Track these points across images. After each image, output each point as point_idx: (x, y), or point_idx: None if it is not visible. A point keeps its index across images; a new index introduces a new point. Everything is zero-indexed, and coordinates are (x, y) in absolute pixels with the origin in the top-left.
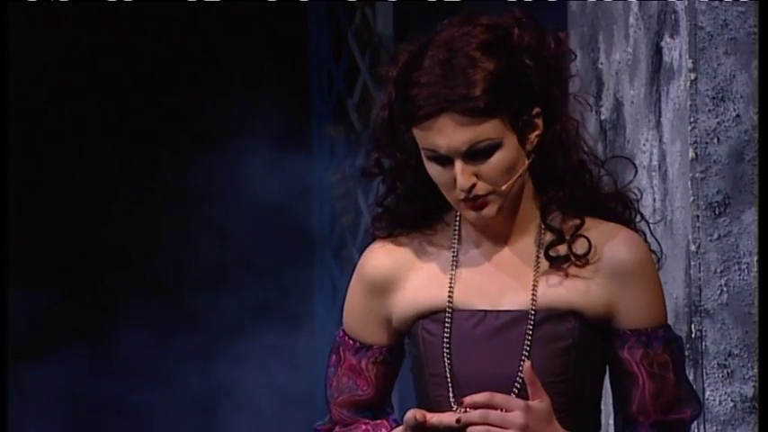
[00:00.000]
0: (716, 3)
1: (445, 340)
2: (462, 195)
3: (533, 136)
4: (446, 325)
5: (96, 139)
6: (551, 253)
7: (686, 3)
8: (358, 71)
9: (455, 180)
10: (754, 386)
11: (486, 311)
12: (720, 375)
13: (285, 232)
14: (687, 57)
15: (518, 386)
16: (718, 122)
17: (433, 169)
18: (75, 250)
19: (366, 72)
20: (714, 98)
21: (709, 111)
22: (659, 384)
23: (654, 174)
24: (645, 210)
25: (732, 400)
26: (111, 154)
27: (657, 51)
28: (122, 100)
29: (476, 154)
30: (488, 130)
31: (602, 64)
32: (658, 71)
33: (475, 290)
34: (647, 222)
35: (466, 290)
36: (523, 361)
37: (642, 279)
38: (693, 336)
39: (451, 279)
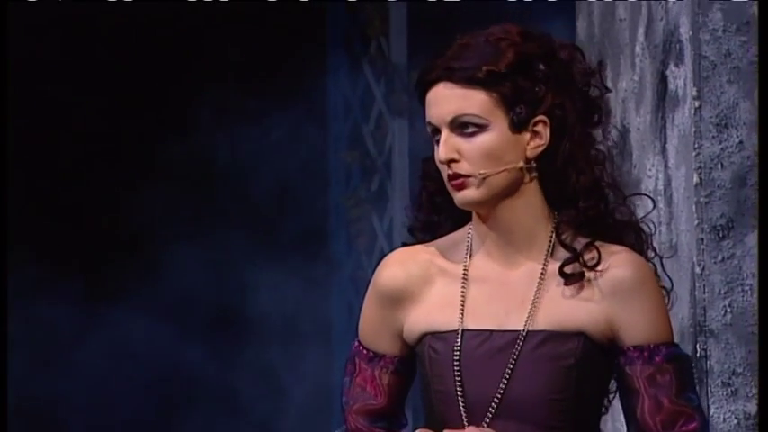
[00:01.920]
0: (719, 33)
1: (455, 359)
2: (446, 171)
3: (534, 143)
4: (456, 344)
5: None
6: (566, 270)
7: (691, 33)
8: (373, 99)
9: None
10: (757, 404)
11: (492, 331)
12: (724, 393)
13: (302, 254)
14: (692, 85)
15: (494, 407)
16: (722, 149)
17: (435, 150)
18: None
19: (381, 99)
20: (718, 125)
21: (713, 137)
22: (660, 401)
23: (659, 198)
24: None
25: (736, 418)
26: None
27: (663, 80)
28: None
29: (462, 127)
30: (476, 104)
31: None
32: (664, 99)
33: (483, 308)
34: (660, 257)
35: (474, 308)
36: (505, 381)
37: (642, 295)
38: (698, 355)
39: (463, 297)
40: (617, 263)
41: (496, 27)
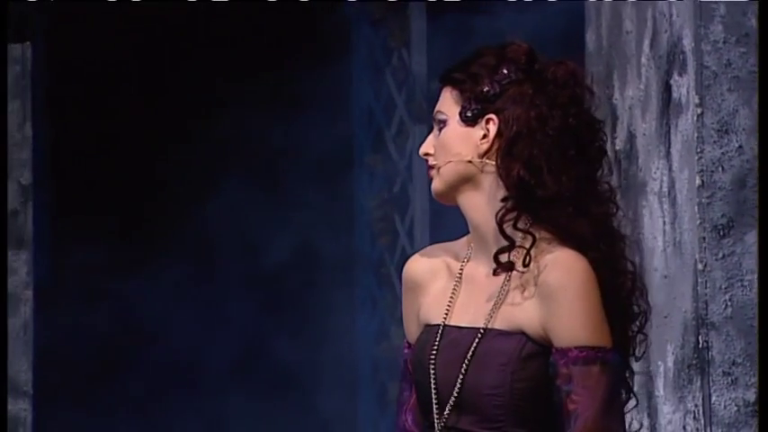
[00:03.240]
0: (720, 44)
1: (432, 352)
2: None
3: (479, 138)
4: (436, 338)
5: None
6: (499, 257)
7: (693, 44)
8: (395, 106)
9: None
10: (755, 392)
11: (462, 328)
12: (725, 382)
13: (329, 251)
14: (694, 93)
15: (452, 400)
16: (723, 153)
17: None
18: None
19: (402, 107)
20: (719, 131)
21: (714, 142)
22: (574, 403)
23: (664, 199)
24: (656, 233)
25: (736, 405)
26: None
27: (667, 88)
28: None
29: (437, 124)
30: (444, 101)
31: (616, 99)
32: (668, 106)
33: (464, 306)
34: (631, 262)
35: (459, 306)
36: (462, 375)
37: (565, 300)
38: (701, 346)
39: (452, 295)
40: (549, 265)
41: (518, 40)
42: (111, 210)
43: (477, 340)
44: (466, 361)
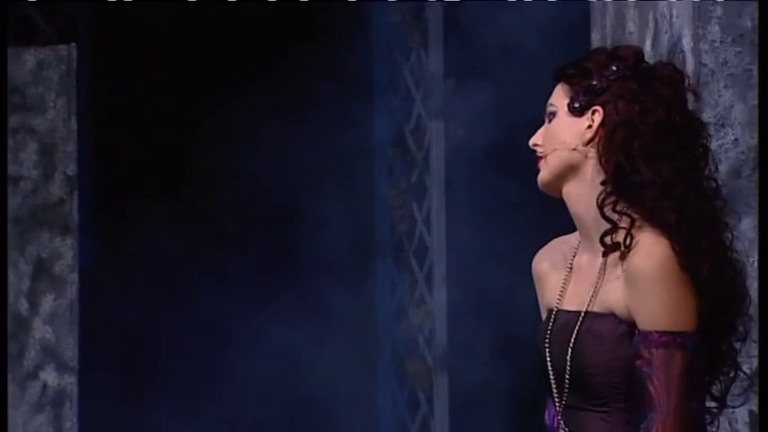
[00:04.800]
0: (717, 44)
1: (547, 334)
2: None
3: (584, 128)
4: (550, 322)
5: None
6: (605, 240)
7: (692, 44)
8: (413, 102)
9: None
10: (749, 368)
11: (570, 311)
12: None
13: (352, 237)
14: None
15: (567, 380)
16: (719, 145)
17: None
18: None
19: (420, 103)
20: (716, 124)
21: (711, 135)
22: (654, 386)
23: None
24: None
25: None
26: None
27: None
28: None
29: (548, 116)
30: (555, 94)
31: None
32: (701, 97)
33: (573, 292)
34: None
35: (569, 292)
36: (569, 356)
37: (644, 283)
38: None
39: (564, 283)
40: (636, 250)
41: (626, 44)
42: (151, 198)
43: (578, 323)
44: (571, 343)
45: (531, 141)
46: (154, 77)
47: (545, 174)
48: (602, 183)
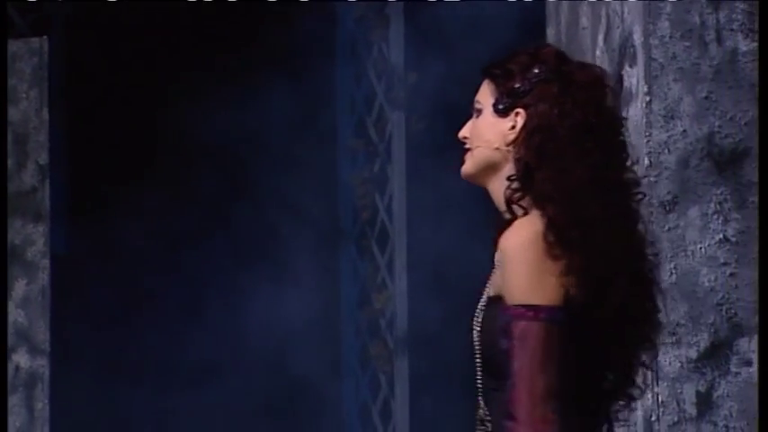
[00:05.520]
0: (666, 39)
1: (472, 321)
2: None
3: (508, 128)
4: (476, 309)
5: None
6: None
7: (642, 39)
8: (375, 94)
9: None
10: (697, 350)
11: (484, 297)
12: (670, 342)
13: (316, 225)
14: (643, 83)
15: (478, 359)
16: (669, 136)
17: None
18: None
19: (381, 95)
20: (665, 116)
21: (661, 127)
22: (511, 358)
23: None
24: None
25: (679, 362)
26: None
27: (619, 78)
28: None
29: (475, 112)
30: (481, 91)
31: None
32: (620, 94)
33: (491, 279)
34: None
35: (491, 279)
36: (477, 338)
37: (506, 261)
38: None
39: (492, 269)
40: (506, 231)
41: (547, 43)
42: (121, 187)
43: (482, 307)
44: (477, 327)
45: (460, 134)
46: (124, 70)
47: (468, 166)
48: (508, 178)
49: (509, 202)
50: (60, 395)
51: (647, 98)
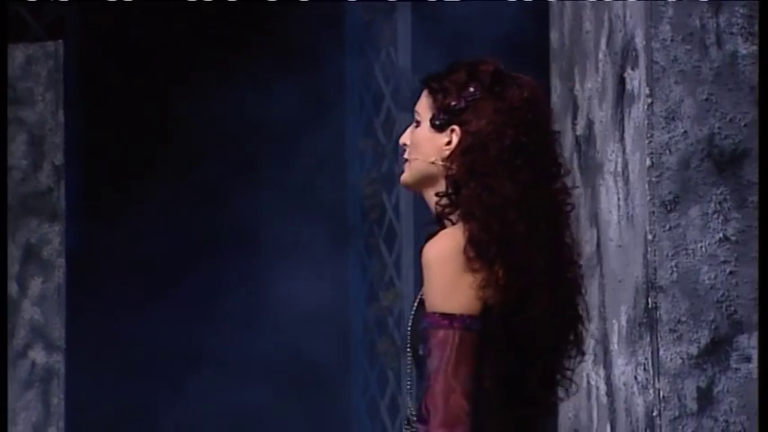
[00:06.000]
0: (668, 42)
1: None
2: None
3: (444, 143)
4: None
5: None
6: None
7: (644, 42)
8: (383, 97)
9: None
10: (698, 347)
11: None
12: (671, 338)
13: (326, 224)
14: (645, 85)
15: (409, 356)
16: (670, 137)
17: None
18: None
19: (389, 97)
20: (666, 118)
21: (663, 128)
22: (427, 364)
23: (618, 178)
24: (612, 207)
25: (681, 358)
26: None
27: (621, 81)
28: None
29: (415, 121)
30: (421, 103)
31: (577, 91)
32: (622, 97)
33: None
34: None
35: None
36: (408, 339)
37: (425, 269)
38: (650, 306)
39: None
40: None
41: (490, 59)
42: (135, 187)
43: (413, 311)
44: (408, 329)
45: (400, 141)
46: (136, 71)
47: (406, 176)
48: (437, 194)
49: (439, 216)
50: (75, 390)
51: (649, 100)
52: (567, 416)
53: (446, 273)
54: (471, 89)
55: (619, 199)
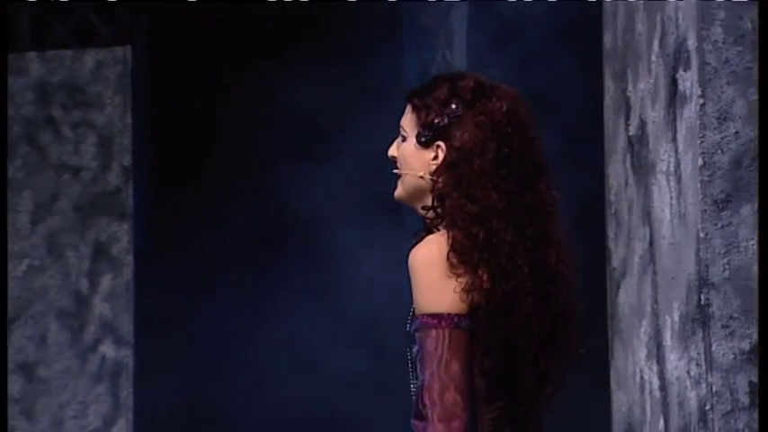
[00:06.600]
0: (720, 44)
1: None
2: None
3: (430, 159)
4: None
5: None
6: None
7: (696, 44)
8: None
9: None
10: (750, 342)
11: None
12: (723, 334)
13: (380, 223)
14: (697, 86)
15: (409, 359)
16: (722, 137)
17: None
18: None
19: None
20: (718, 119)
21: (715, 128)
22: (419, 363)
23: (671, 178)
24: (664, 206)
25: (733, 353)
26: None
27: (674, 82)
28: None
29: (401, 136)
30: (407, 119)
31: (630, 92)
32: (674, 97)
33: None
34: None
35: None
36: (407, 342)
37: (411, 274)
38: (702, 303)
39: None
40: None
41: (470, 74)
42: (201, 187)
43: (410, 313)
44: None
45: (389, 153)
46: (202, 75)
47: (400, 191)
48: (423, 207)
49: (428, 228)
50: (144, 383)
51: (701, 101)
52: (620, 410)
53: (431, 276)
54: (453, 105)
55: (671, 198)
